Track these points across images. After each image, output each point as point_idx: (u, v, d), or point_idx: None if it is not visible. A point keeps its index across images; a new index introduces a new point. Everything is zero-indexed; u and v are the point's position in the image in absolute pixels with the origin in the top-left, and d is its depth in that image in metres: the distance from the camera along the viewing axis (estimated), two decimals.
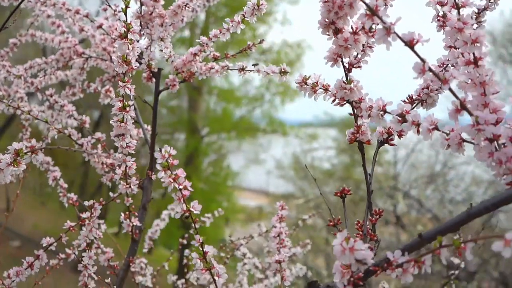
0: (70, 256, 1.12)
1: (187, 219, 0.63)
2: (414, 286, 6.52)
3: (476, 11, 0.75)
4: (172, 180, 0.62)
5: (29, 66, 1.20)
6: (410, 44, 0.51)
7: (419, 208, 6.07)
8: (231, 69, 0.98)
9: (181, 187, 0.62)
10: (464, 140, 0.55)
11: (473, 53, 0.54)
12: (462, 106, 0.52)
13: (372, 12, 0.50)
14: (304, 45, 10.25)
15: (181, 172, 0.63)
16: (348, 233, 0.52)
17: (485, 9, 0.74)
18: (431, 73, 0.52)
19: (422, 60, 0.51)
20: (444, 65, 0.71)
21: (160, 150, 0.61)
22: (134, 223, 0.97)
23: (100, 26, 1.04)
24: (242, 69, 0.95)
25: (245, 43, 1.03)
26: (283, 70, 0.83)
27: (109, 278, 0.95)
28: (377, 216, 0.62)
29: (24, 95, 1.27)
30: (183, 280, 1.33)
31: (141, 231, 1.00)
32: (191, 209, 0.63)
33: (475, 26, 0.74)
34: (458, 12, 0.54)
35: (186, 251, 1.29)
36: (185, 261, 1.37)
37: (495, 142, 0.52)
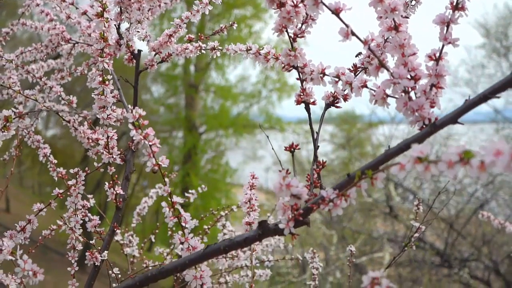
0: (61, 227, 1.21)
1: (155, 172, 0.72)
2: (408, 276, 6.63)
3: None
4: (142, 138, 0.71)
5: (20, 52, 1.29)
6: (336, 12, 0.60)
7: (413, 199, 6.19)
8: (204, 49, 1.07)
9: (151, 143, 0.71)
10: (387, 95, 0.64)
11: (394, 20, 0.63)
12: (381, 64, 0.61)
13: None
14: (300, 41, 10.34)
15: (150, 131, 0.72)
16: (286, 175, 0.61)
17: None
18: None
19: (346, 25, 0.60)
20: (385, 37, 0.80)
21: (132, 111, 0.70)
22: (118, 192, 1.06)
23: (84, 13, 1.12)
24: (213, 49, 1.05)
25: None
26: (248, 48, 0.92)
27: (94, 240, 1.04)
28: (321, 167, 0.72)
29: (17, 81, 1.36)
30: (168, 250, 1.42)
31: (124, 200, 1.09)
32: (160, 163, 0.72)
33: (413, 2, 0.83)
34: None
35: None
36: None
37: (411, 94, 0.61)
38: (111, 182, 1.05)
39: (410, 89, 0.60)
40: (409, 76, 0.61)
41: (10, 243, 0.71)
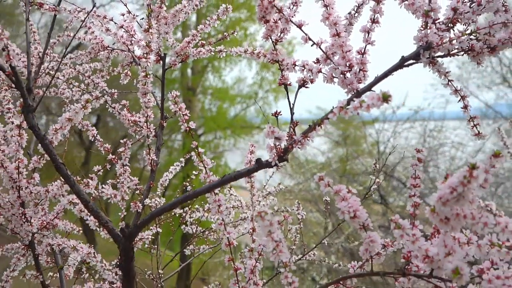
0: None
1: (187, 132, 1.11)
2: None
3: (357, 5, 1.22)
4: (178, 109, 1.09)
5: (69, 57, 1.67)
6: (299, 26, 0.98)
7: (402, 188, 6.60)
8: (213, 52, 1.45)
9: (183, 113, 1.10)
10: (333, 76, 1.02)
11: (336, 29, 1.01)
12: (327, 57, 0.99)
13: (278, 10, 0.98)
14: (294, 42, 10.77)
15: (183, 105, 1.10)
16: (273, 126, 0.99)
17: (363, 3, 1.21)
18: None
19: (305, 34, 0.98)
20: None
21: (171, 93, 1.09)
22: (153, 158, 1.44)
23: (121, 26, 1.51)
24: (220, 51, 1.43)
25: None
26: (246, 49, 1.31)
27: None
28: (296, 124, 1.10)
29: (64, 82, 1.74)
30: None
31: (157, 165, 1.47)
32: (190, 126, 1.10)
33: (356, 14, 1.21)
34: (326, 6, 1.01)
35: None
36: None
37: (347, 75, 1.00)
38: (148, 150, 1.43)
39: (346, 72, 0.98)
40: (346, 64, 0.99)
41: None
